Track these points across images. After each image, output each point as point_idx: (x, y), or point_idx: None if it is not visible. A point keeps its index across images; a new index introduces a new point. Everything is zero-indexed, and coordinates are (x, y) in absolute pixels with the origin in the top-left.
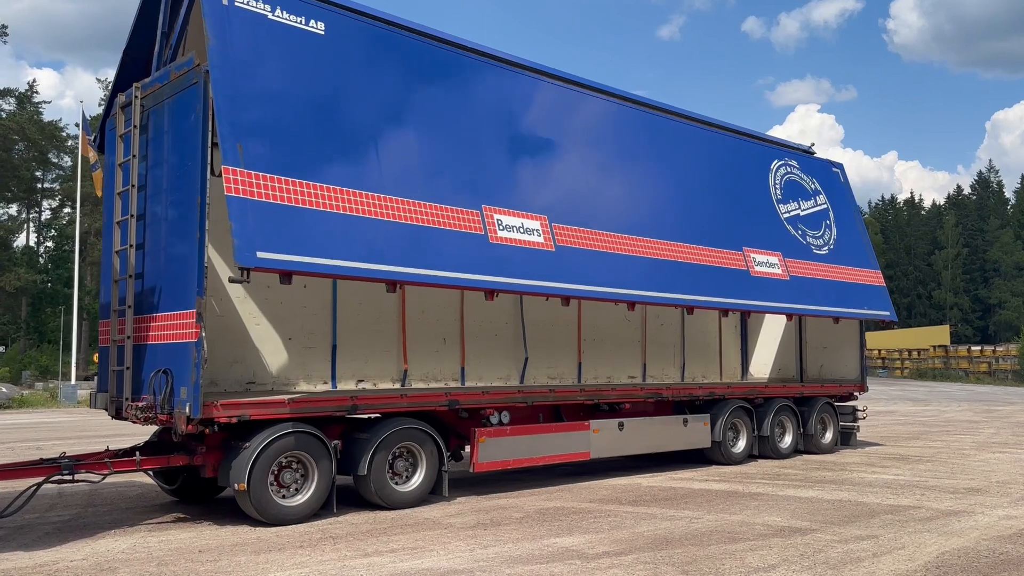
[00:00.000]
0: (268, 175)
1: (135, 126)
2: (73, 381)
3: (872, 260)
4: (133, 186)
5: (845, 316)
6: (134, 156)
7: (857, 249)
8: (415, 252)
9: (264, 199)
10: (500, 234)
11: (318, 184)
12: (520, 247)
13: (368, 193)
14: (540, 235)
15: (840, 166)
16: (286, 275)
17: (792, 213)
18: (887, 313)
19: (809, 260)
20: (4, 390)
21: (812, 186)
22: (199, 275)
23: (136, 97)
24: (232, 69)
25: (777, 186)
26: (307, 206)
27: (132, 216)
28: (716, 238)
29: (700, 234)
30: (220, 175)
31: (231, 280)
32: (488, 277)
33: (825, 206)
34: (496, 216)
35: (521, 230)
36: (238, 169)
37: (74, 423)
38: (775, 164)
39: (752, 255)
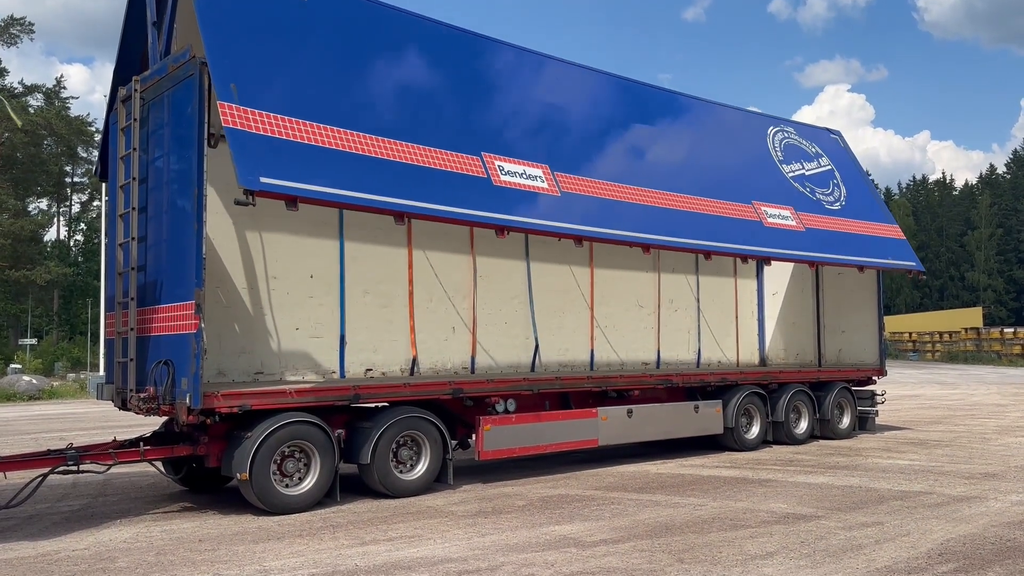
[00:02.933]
0: (266, 112)
1: (135, 119)
2: (101, 372)
3: (888, 216)
4: (134, 179)
5: (868, 265)
6: (134, 149)
7: (871, 206)
8: (421, 189)
9: (264, 132)
10: (503, 178)
11: (315, 124)
12: (525, 190)
13: (369, 135)
14: (543, 181)
15: (838, 132)
16: (291, 200)
17: (797, 172)
18: (912, 263)
19: (822, 214)
20: (34, 381)
21: (812, 149)
22: (197, 266)
23: (135, 91)
24: (219, 23)
25: (777, 149)
26: (309, 142)
27: (134, 209)
28: (726, 192)
29: (709, 188)
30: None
31: (236, 203)
32: (495, 214)
33: (829, 167)
34: (496, 162)
35: (523, 175)
36: (234, 105)
37: (99, 414)
38: (772, 130)
39: (764, 208)
